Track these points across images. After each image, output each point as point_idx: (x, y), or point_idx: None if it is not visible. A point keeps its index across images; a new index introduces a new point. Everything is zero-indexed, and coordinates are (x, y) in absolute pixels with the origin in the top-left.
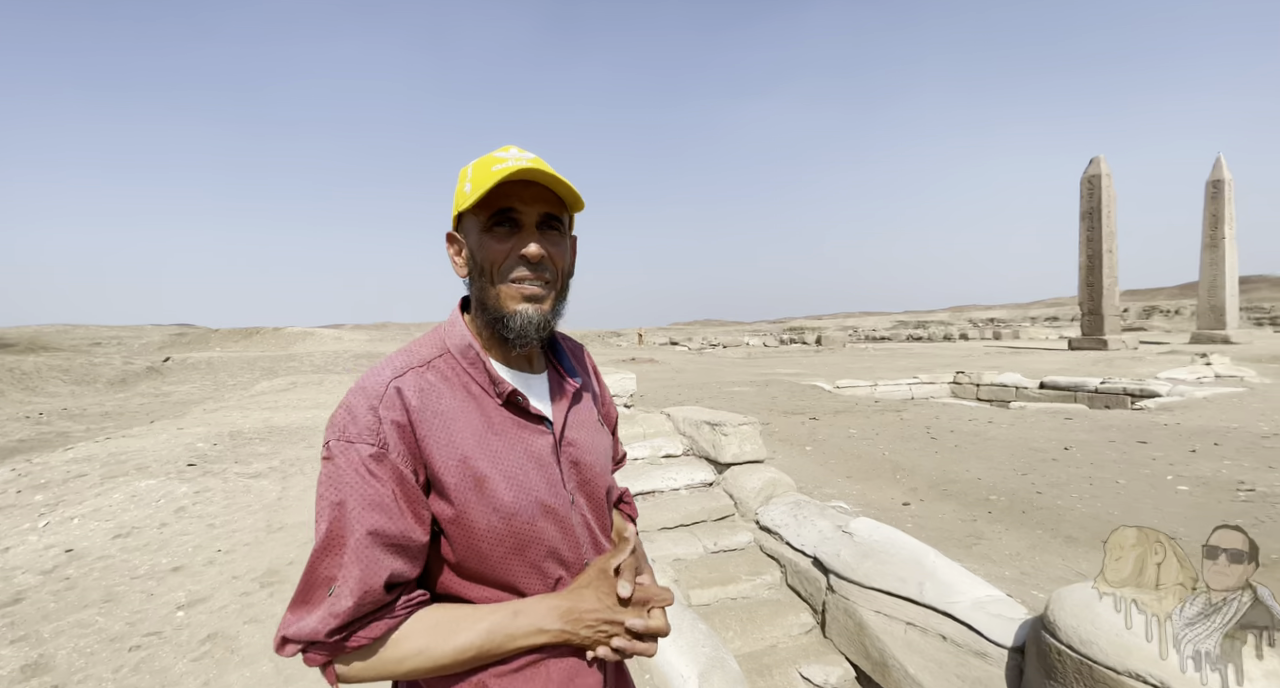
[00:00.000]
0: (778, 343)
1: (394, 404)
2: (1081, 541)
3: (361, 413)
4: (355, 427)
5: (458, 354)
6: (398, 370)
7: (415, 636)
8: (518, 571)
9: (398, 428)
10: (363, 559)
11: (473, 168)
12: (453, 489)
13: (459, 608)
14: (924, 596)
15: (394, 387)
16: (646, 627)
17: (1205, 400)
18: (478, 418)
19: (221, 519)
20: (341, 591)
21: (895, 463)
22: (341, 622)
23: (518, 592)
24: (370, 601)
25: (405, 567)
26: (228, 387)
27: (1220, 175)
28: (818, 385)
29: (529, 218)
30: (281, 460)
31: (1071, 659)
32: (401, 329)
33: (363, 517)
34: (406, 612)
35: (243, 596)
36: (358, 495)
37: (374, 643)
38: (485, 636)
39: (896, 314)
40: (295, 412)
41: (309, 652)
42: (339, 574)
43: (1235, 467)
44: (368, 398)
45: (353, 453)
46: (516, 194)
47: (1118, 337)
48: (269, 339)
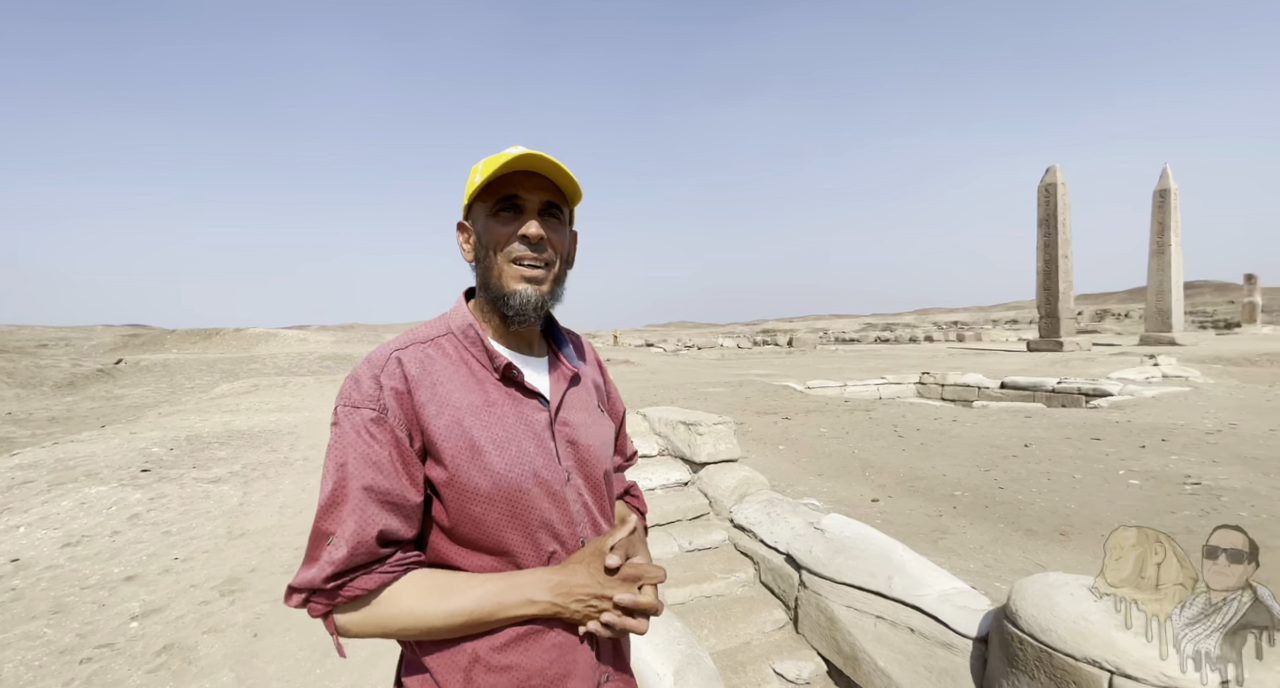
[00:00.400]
0: (751, 344)
1: (395, 373)
2: (1040, 533)
3: (365, 381)
4: (359, 394)
5: (459, 333)
6: (401, 345)
7: (408, 595)
8: (510, 539)
9: (396, 395)
10: (358, 512)
11: (483, 162)
12: (447, 453)
13: (454, 575)
14: (893, 589)
15: (395, 357)
16: (635, 602)
17: (1153, 399)
18: (475, 390)
19: (178, 526)
20: (338, 541)
21: (865, 461)
22: (336, 569)
23: (511, 562)
24: (364, 551)
25: (399, 524)
26: (185, 390)
27: (1166, 185)
28: (790, 386)
29: (531, 204)
30: (243, 465)
31: (1032, 647)
32: (369, 330)
33: (360, 474)
34: (401, 569)
35: (201, 605)
36: (357, 455)
37: (368, 595)
38: (476, 602)
39: (865, 316)
40: (258, 415)
41: (311, 601)
42: (337, 528)
43: (1181, 462)
44: (371, 368)
45: (356, 417)
46: (520, 183)
47: (1073, 339)
48: (229, 340)
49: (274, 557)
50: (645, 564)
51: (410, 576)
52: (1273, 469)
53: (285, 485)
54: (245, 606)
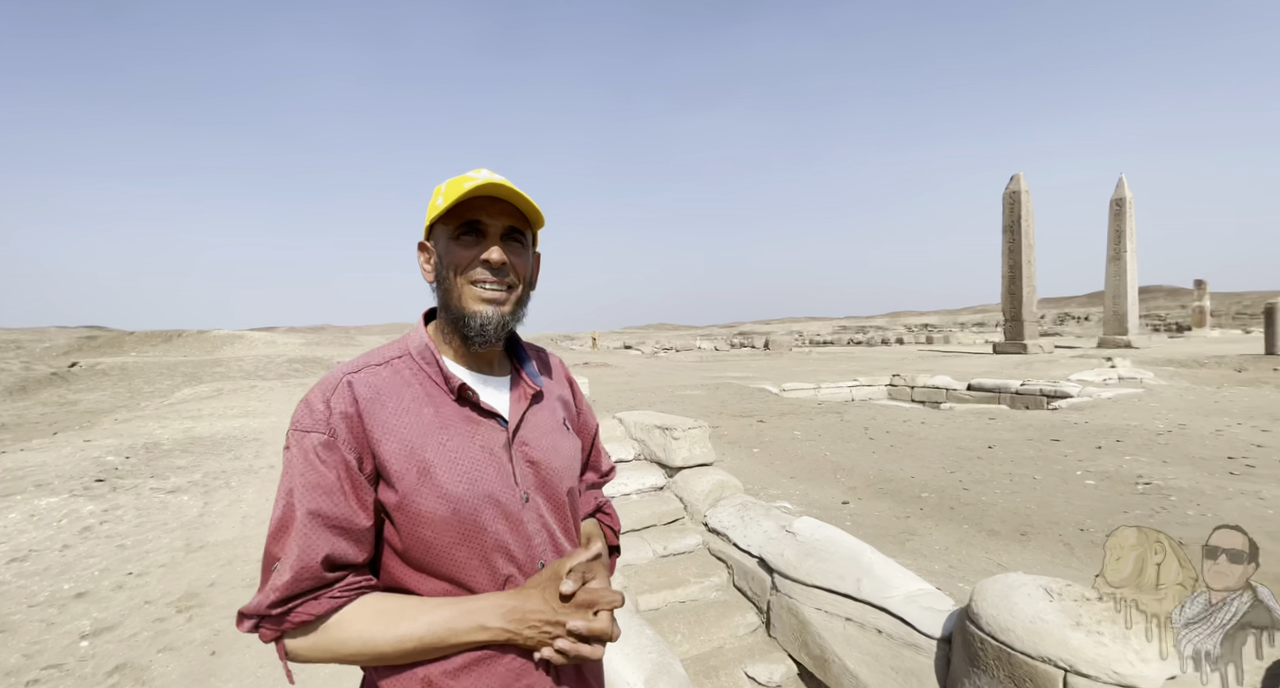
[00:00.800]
0: (728, 347)
1: (344, 396)
2: (1002, 534)
3: (316, 405)
4: (310, 418)
5: (416, 354)
6: (354, 368)
7: (358, 620)
8: (464, 563)
9: (346, 418)
10: (302, 538)
11: (446, 185)
12: (397, 476)
13: (406, 600)
14: (861, 591)
15: (346, 381)
16: (589, 629)
17: (1110, 401)
18: (429, 412)
19: (133, 539)
20: (282, 566)
21: (836, 463)
22: (280, 596)
23: (465, 586)
24: (308, 576)
25: (348, 548)
26: (144, 394)
27: (1122, 194)
28: (765, 388)
29: (494, 229)
30: (204, 474)
31: (992, 647)
32: (341, 333)
33: (306, 499)
34: (350, 594)
35: (156, 622)
36: (304, 480)
37: (317, 621)
38: (426, 629)
39: (839, 319)
40: (221, 421)
41: (260, 627)
42: (282, 553)
43: (1134, 462)
44: (322, 391)
45: (305, 441)
46: (484, 208)
47: (1036, 341)
48: (192, 343)
49: (235, 570)
50: (601, 589)
51: (361, 601)
52: (1218, 469)
53: (249, 495)
54: (203, 622)
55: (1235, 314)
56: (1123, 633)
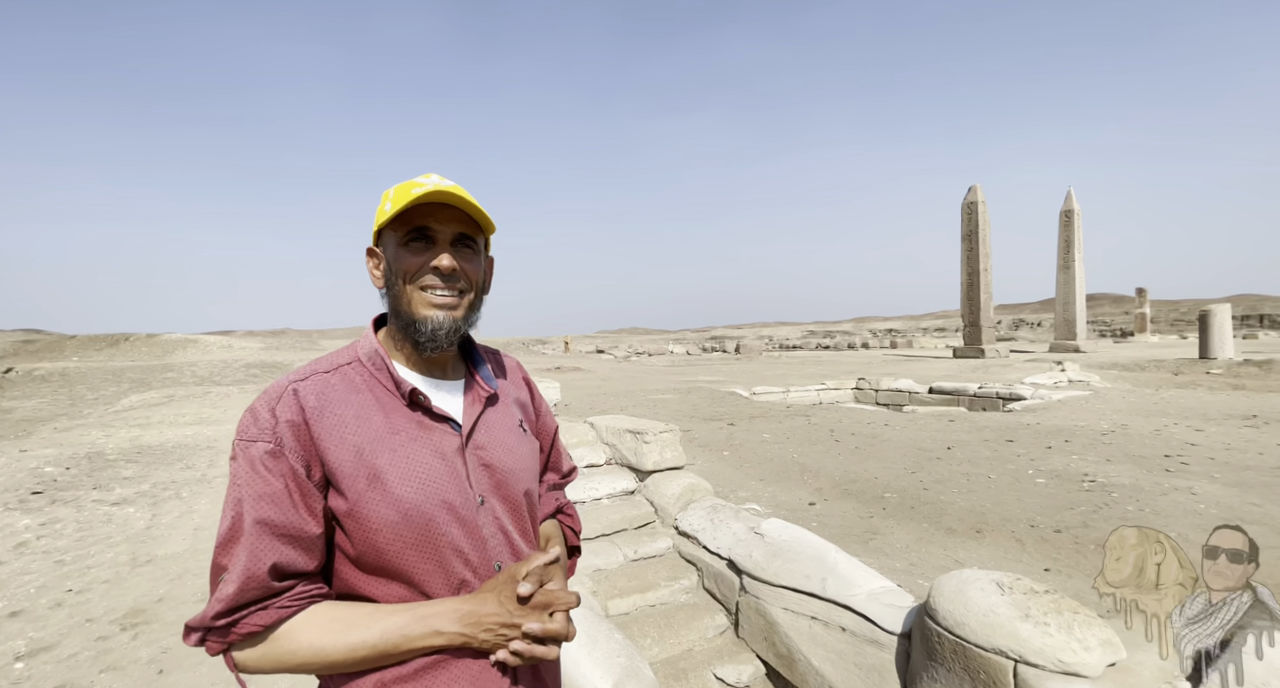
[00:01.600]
0: (700, 351)
1: (290, 404)
2: (959, 531)
3: (262, 414)
4: (255, 427)
5: (365, 360)
6: (301, 375)
7: (308, 630)
8: (418, 568)
9: (292, 426)
10: (249, 547)
11: (394, 190)
12: (347, 483)
13: (358, 607)
14: (826, 590)
15: (291, 389)
16: (544, 630)
17: (1060, 403)
18: (379, 417)
19: (74, 554)
20: (228, 577)
21: (803, 465)
22: (226, 606)
23: (420, 591)
24: (255, 586)
25: (297, 557)
26: (87, 401)
27: (1071, 206)
28: (736, 392)
29: (444, 235)
30: (152, 484)
31: (949, 641)
32: (302, 336)
33: (254, 508)
34: (300, 604)
35: (98, 641)
36: (251, 490)
37: (265, 631)
38: (380, 636)
39: (808, 324)
40: (171, 429)
41: (206, 640)
42: (229, 563)
43: (1081, 461)
44: (268, 400)
45: (251, 451)
46: (433, 214)
47: (993, 346)
48: (141, 347)
49: (185, 585)
50: (557, 591)
51: (312, 610)
52: (1155, 467)
53: (201, 506)
54: (150, 640)
55: (1173, 321)
56: (1067, 623)
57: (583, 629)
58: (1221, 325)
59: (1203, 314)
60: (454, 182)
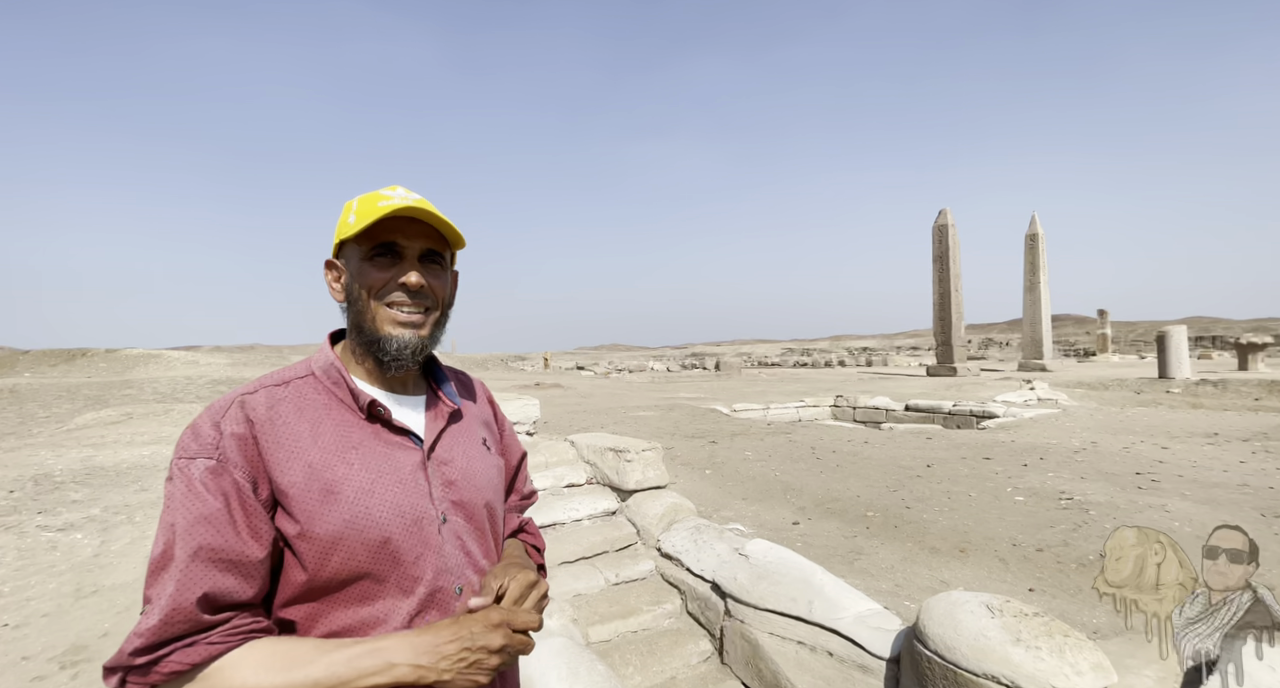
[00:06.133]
0: (680, 368)
1: (236, 417)
2: (943, 551)
3: (205, 429)
4: (196, 443)
5: (321, 374)
6: (250, 389)
7: (243, 668)
8: (374, 590)
9: (238, 440)
10: (179, 576)
11: (358, 202)
12: (298, 501)
13: (302, 642)
14: (813, 614)
15: (238, 401)
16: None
17: (1032, 420)
18: (333, 431)
19: (12, 585)
20: (151, 608)
21: (786, 483)
22: (146, 642)
23: (376, 616)
24: (180, 619)
25: (234, 584)
26: (37, 419)
27: (1035, 230)
28: (717, 409)
29: (411, 251)
30: (103, 508)
31: (939, 666)
32: (273, 352)
33: (190, 533)
34: (234, 641)
35: (35, 681)
36: (187, 512)
37: (193, 670)
38: (327, 671)
39: (785, 342)
40: (128, 449)
41: (126, 680)
42: (153, 594)
43: (1057, 478)
44: (211, 415)
45: (190, 469)
46: (401, 229)
47: (965, 364)
48: (99, 363)
49: (131, 618)
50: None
51: (248, 646)
52: (1128, 484)
53: (154, 531)
54: (90, 679)
55: (1131, 340)
56: (1058, 647)
57: (563, 661)
58: (1178, 346)
59: (1160, 335)
60: (420, 195)
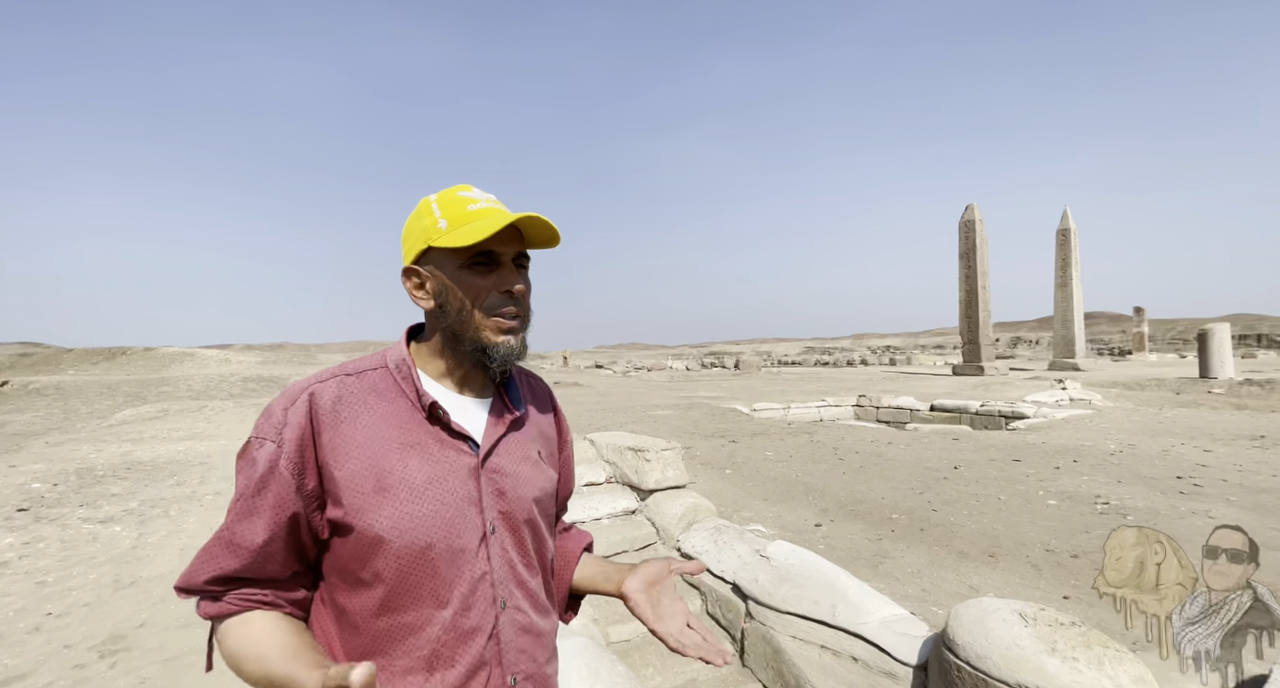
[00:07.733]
0: (699, 366)
1: (302, 406)
2: (971, 556)
3: (275, 413)
4: (267, 425)
5: (393, 368)
6: (321, 378)
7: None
8: (410, 588)
9: (298, 428)
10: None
11: (439, 205)
12: (350, 491)
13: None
14: (836, 618)
15: (310, 391)
16: None
17: (1064, 421)
18: (394, 427)
19: (56, 575)
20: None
21: (807, 484)
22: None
23: (410, 612)
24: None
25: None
26: (81, 415)
27: (1067, 225)
28: (736, 409)
29: (507, 257)
30: (141, 502)
31: (970, 675)
32: (300, 350)
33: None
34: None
35: (75, 668)
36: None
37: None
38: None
39: (806, 340)
40: (165, 444)
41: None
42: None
43: (1092, 482)
44: (283, 400)
45: (257, 449)
46: (498, 235)
47: (992, 363)
48: (138, 361)
49: (168, 609)
50: None
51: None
52: (1169, 489)
53: (189, 524)
54: (129, 668)
55: (1170, 339)
56: (1097, 659)
57: (584, 661)
58: (1221, 344)
59: (1202, 333)
60: (493, 195)
